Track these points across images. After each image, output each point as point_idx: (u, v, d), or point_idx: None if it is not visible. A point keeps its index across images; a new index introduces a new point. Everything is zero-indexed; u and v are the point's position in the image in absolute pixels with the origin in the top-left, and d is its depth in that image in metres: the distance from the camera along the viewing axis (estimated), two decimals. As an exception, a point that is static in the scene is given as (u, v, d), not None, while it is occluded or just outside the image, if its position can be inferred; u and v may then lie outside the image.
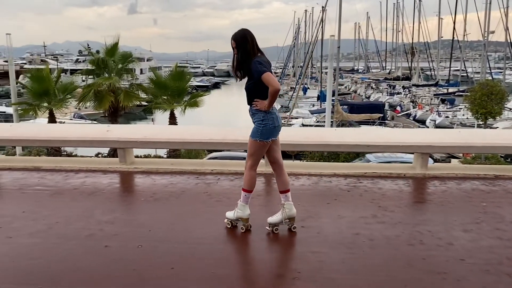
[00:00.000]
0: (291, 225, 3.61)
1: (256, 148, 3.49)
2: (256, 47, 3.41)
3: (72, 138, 5.46)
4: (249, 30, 3.46)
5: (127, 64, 16.33)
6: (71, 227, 3.72)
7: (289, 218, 3.58)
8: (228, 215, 3.72)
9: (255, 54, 3.38)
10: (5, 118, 28.57)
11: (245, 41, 3.36)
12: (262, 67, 3.27)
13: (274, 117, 3.42)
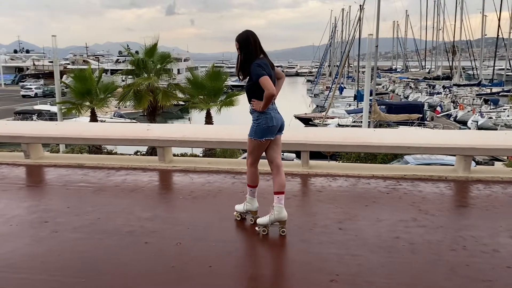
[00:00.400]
0: (280, 228, 3.56)
1: (253, 146, 3.58)
2: (259, 49, 3.47)
3: (114, 136, 5.62)
4: (253, 32, 3.51)
5: (166, 65, 16.66)
6: (113, 223, 3.84)
7: (278, 221, 3.54)
8: (238, 208, 3.86)
9: (257, 56, 3.45)
10: (50, 117, 29.83)
11: (248, 43, 3.44)
12: (261, 70, 3.33)
13: (268, 118, 3.48)
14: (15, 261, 3.15)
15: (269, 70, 3.42)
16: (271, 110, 3.51)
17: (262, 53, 3.50)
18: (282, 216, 3.54)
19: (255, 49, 3.45)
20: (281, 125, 3.63)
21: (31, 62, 77.73)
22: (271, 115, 3.49)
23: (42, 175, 5.42)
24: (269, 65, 3.48)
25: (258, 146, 3.56)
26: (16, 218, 3.95)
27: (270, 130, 3.51)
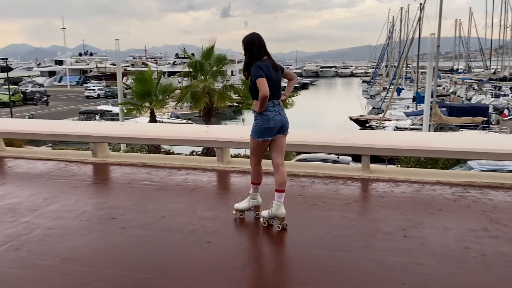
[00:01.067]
0: (279, 224, 3.69)
1: (253, 146, 3.73)
2: (263, 50, 3.60)
3: (176, 137, 5.79)
4: (258, 34, 3.65)
5: (222, 67, 16.94)
6: (176, 222, 3.94)
7: (275, 216, 3.68)
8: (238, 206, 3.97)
9: (261, 57, 3.57)
10: (111, 117, 31.33)
11: (252, 45, 3.58)
12: (259, 72, 3.45)
13: (265, 119, 3.56)
14: (86, 255, 3.32)
15: (269, 72, 3.50)
16: (270, 112, 3.57)
17: (267, 55, 3.61)
18: (279, 213, 3.66)
19: (259, 51, 3.57)
20: (283, 126, 3.68)
21: (94, 64, 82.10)
22: (268, 116, 3.57)
23: (108, 173, 5.68)
24: (272, 67, 3.56)
25: (257, 145, 3.69)
26: (86, 213, 4.17)
27: (268, 131, 3.59)
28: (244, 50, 3.63)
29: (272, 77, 3.52)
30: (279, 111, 3.63)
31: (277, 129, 3.64)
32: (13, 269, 3.08)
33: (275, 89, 3.56)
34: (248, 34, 3.67)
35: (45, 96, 47.64)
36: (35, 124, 7.48)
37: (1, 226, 3.84)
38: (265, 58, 3.60)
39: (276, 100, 3.62)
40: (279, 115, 3.63)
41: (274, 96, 3.57)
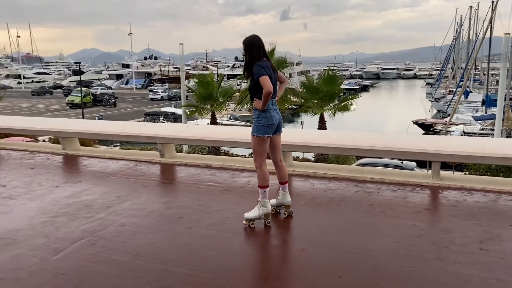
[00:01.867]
0: (285, 211, 4.04)
1: (256, 143, 3.84)
2: (262, 52, 3.78)
3: (238, 139, 5.86)
4: (258, 36, 3.83)
5: (281, 69, 16.97)
6: (241, 224, 3.98)
7: (282, 204, 4.05)
8: (248, 215, 3.86)
9: (260, 58, 3.74)
10: (174, 118, 32.48)
11: (252, 46, 3.76)
12: (262, 71, 3.61)
13: (268, 116, 3.76)
14: (156, 253, 3.44)
15: (269, 72, 3.68)
16: (271, 110, 3.78)
17: (265, 57, 3.81)
18: (285, 202, 4.04)
19: (259, 52, 3.75)
20: (279, 125, 3.90)
21: (158, 68, 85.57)
22: (271, 114, 3.77)
23: (175, 173, 5.87)
24: (271, 68, 3.76)
25: (260, 142, 3.81)
26: (156, 212, 4.33)
27: (271, 127, 3.80)
28: (244, 51, 3.81)
29: (272, 77, 3.71)
30: (276, 110, 3.88)
31: (276, 126, 3.85)
32: (90, 263, 3.26)
33: (274, 88, 3.74)
34: (248, 36, 3.85)
35: (113, 98, 50.31)
36: (108, 125, 7.91)
37: (78, 222, 4.08)
38: (265, 59, 3.78)
39: (274, 100, 3.85)
40: (277, 113, 3.87)
41: (273, 95, 3.78)
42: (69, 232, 3.82)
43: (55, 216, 4.22)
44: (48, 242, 3.63)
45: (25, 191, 5.00)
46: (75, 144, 7.20)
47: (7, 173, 5.84)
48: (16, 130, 7.77)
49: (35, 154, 6.97)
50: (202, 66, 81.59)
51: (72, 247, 3.54)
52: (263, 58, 3.77)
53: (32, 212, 4.35)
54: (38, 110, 45.42)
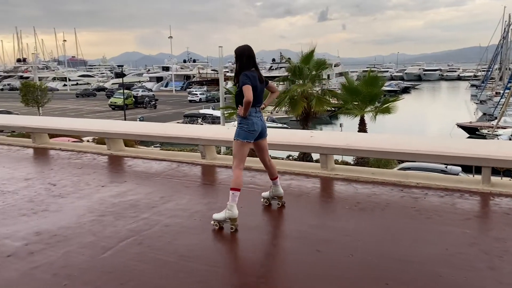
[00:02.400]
0: (278, 201, 4.43)
1: (236, 147, 4.05)
2: (251, 62, 4.00)
3: (279, 142, 5.83)
4: (249, 47, 4.07)
5: (321, 71, 16.84)
6: (284, 227, 3.96)
7: (275, 196, 4.43)
8: (216, 216, 3.96)
9: (248, 68, 3.97)
10: (212, 120, 32.86)
11: (242, 56, 3.99)
12: (246, 80, 3.85)
13: (250, 122, 3.98)
14: (201, 253, 3.47)
15: (255, 82, 3.91)
16: (254, 117, 4.01)
17: (254, 67, 4.02)
18: (278, 193, 4.43)
19: (248, 62, 3.99)
20: (262, 131, 4.14)
21: (197, 70, 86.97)
22: (252, 120, 3.99)
23: (216, 175, 5.92)
24: (258, 78, 3.97)
25: (241, 146, 4.02)
26: (199, 213, 4.37)
27: (252, 133, 4.02)
28: (235, 59, 4.04)
29: (257, 87, 3.94)
30: (260, 117, 4.09)
31: (258, 132, 4.09)
32: (137, 262, 3.33)
33: (258, 97, 3.99)
34: (240, 45, 4.08)
35: (154, 100, 51.55)
36: (151, 127, 8.08)
37: (124, 221, 4.18)
38: (253, 69, 4.01)
39: (258, 107, 4.07)
40: (260, 120, 4.09)
41: (257, 103, 4.01)
42: (116, 231, 3.92)
43: (102, 215, 4.34)
44: (96, 240, 3.73)
45: (74, 190, 5.19)
46: (120, 144, 7.40)
47: (56, 172, 6.08)
48: (65, 131, 8.09)
49: (82, 154, 7.22)
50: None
51: (119, 246, 3.62)
52: (251, 68, 4.00)
53: (80, 211, 4.50)
54: (83, 111, 47.20)
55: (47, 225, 4.07)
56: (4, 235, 3.86)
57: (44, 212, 4.43)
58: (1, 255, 3.44)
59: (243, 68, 3.98)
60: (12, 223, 4.16)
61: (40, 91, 33.76)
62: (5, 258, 3.39)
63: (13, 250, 3.54)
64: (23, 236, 3.84)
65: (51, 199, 4.85)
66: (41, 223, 4.13)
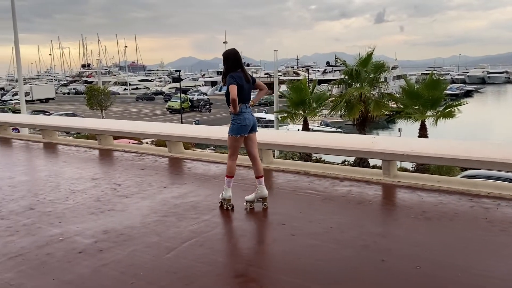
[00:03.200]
0: (263, 203, 4.55)
1: (230, 141, 4.51)
2: (237, 64, 4.43)
3: (340, 147, 5.72)
4: (235, 50, 4.54)
5: (379, 74, 16.39)
6: (345, 235, 3.86)
7: (260, 197, 4.54)
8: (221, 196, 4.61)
9: (235, 69, 4.41)
10: (265, 124, 32.98)
11: (228, 58, 4.44)
12: (232, 80, 4.29)
13: (241, 118, 4.39)
14: (260, 258, 3.47)
15: (241, 82, 4.33)
16: (245, 113, 4.41)
17: (240, 68, 4.44)
18: (263, 194, 4.54)
19: (234, 64, 4.42)
20: (253, 125, 4.53)
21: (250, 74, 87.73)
22: (244, 116, 4.40)
23: (273, 179, 5.89)
24: (244, 78, 4.38)
25: (234, 141, 4.48)
26: (257, 217, 4.37)
27: (244, 128, 4.42)
28: (223, 62, 4.46)
29: (244, 86, 4.37)
30: (250, 112, 4.49)
31: (250, 127, 4.47)
32: (199, 264, 3.37)
33: (246, 95, 4.41)
34: (227, 49, 4.53)
35: (208, 104, 52.63)
36: (209, 130, 8.23)
37: (186, 222, 4.26)
38: (239, 70, 4.42)
39: (248, 104, 4.47)
40: (250, 115, 4.48)
41: (246, 100, 4.43)
42: (179, 232, 4.00)
43: (165, 216, 4.45)
44: (160, 240, 3.83)
45: (138, 191, 5.37)
46: (180, 147, 7.59)
47: (121, 173, 6.34)
48: (128, 133, 8.44)
49: (145, 156, 7.48)
50: (293, 72, 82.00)
51: (182, 246, 3.69)
52: (238, 70, 4.42)
53: (144, 211, 4.65)
54: (142, 114, 49.13)
55: (114, 224, 4.24)
56: (75, 232, 4.06)
57: (111, 212, 4.62)
58: (73, 251, 3.62)
59: (230, 69, 4.41)
60: (82, 221, 4.38)
61: (103, 95, 35.54)
62: (77, 255, 3.56)
63: (84, 247, 3.71)
64: (92, 234, 4.02)
65: (117, 199, 5.05)
66: (108, 222, 4.30)
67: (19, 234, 4.02)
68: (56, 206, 4.80)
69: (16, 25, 17.24)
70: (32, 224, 4.26)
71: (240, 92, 4.30)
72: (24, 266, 3.37)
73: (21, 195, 5.28)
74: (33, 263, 3.42)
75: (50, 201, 4.99)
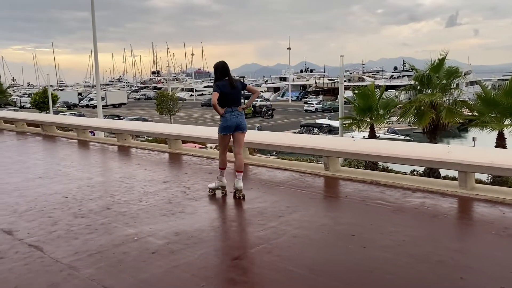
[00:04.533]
0: (239, 195, 5.17)
1: (219, 139, 5.38)
2: (225, 74, 5.18)
3: (412, 156, 5.48)
4: (224, 62, 5.27)
5: (452, 80, 15.56)
6: (419, 249, 3.67)
7: (236, 189, 5.17)
8: (210, 185, 5.45)
9: (222, 78, 5.16)
10: (328, 130, 32.54)
11: (217, 70, 5.21)
12: (215, 88, 5.08)
13: (224, 120, 5.18)
14: (331, 269, 3.37)
15: (225, 89, 5.08)
16: (228, 115, 5.16)
17: (227, 76, 5.17)
18: (238, 186, 5.17)
19: (222, 74, 5.17)
20: (238, 126, 5.24)
21: (313, 80, 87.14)
22: (226, 118, 5.17)
23: (341, 188, 5.77)
24: (229, 85, 5.11)
25: (222, 138, 5.32)
26: (326, 226, 4.29)
27: (226, 128, 5.21)
28: (213, 72, 5.26)
29: (226, 92, 5.08)
30: (236, 115, 5.19)
31: (234, 127, 5.21)
32: (268, 271, 3.36)
33: (231, 100, 5.14)
34: (217, 61, 5.25)
35: (271, 110, 52.93)
36: (275, 136, 8.24)
37: (253, 228, 4.28)
38: (226, 78, 5.15)
39: (234, 108, 5.17)
40: (235, 118, 5.19)
41: (231, 104, 5.16)
42: (246, 238, 4.04)
43: (233, 221, 4.51)
44: (228, 244, 3.89)
45: (206, 194, 5.49)
46: (245, 153, 7.68)
47: (190, 177, 6.53)
48: (197, 138, 8.69)
49: (211, 160, 7.65)
50: (358, 77, 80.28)
51: (250, 252, 3.72)
52: (224, 78, 5.15)
53: (213, 214, 4.75)
54: (207, 119, 50.44)
55: (184, 226, 4.36)
56: (148, 232, 4.23)
57: (181, 214, 4.76)
58: (147, 251, 3.77)
59: (216, 79, 5.18)
60: (154, 222, 4.56)
61: (172, 101, 36.97)
62: (150, 255, 3.70)
63: (156, 248, 3.85)
64: (164, 235, 4.16)
65: (187, 202, 5.20)
66: (179, 224, 4.44)
67: (97, 232, 4.27)
68: (131, 207, 5.04)
69: (96, 36, 18.48)
70: (109, 224, 4.50)
71: (225, 97, 5.07)
72: (103, 263, 3.56)
73: (98, 195, 5.60)
74: (110, 260, 3.61)
75: (125, 202, 5.25)
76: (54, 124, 12.13)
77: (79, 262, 3.57)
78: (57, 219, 4.67)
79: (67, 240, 4.07)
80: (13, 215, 4.85)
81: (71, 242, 4.01)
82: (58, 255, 3.72)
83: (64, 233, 4.24)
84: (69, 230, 4.34)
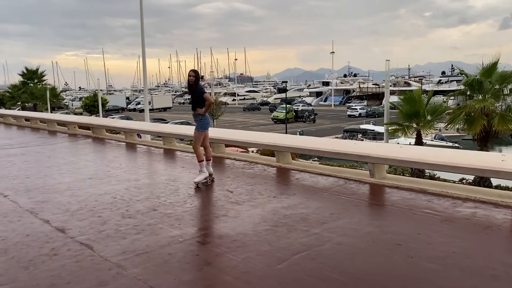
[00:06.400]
0: (210, 179, 6.40)
1: (198, 135, 6.29)
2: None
3: (462, 165, 5.26)
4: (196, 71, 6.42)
5: (506, 85, 14.80)
6: (471, 261, 3.51)
7: (209, 174, 6.39)
8: (197, 180, 6.23)
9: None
10: (373, 136, 31.86)
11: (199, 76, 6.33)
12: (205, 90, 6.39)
13: (207, 117, 6.37)
14: (376, 279, 3.29)
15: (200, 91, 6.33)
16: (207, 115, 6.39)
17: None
18: (210, 171, 6.43)
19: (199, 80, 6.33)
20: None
21: (357, 84, 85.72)
22: (207, 117, 6.36)
23: (387, 196, 5.62)
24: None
25: (200, 135, 6.29)
26: (371, 235, 4.19)
27: (208, 125, 6.36)
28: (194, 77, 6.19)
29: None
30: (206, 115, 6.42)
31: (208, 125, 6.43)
32: (312, 278, 3.32)
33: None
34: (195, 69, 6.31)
35: (313, 115, 52.53)
36: (317, 141, 8.17)
37: (297, 234, 4.25)
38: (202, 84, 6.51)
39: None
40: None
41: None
42: (289, 243, 4.01)
43: (276, 226, 4.50)
44: (271, 250, 3.87)
45: (248, 198, 5.52)
46: (288, 157, 7.66)
47: (232, 181, 6.59)
48: (240, 142, 8.76)
49: (254, 165, 7.69)
50: (404, 82, 78.17)
51: (293, 258, 3.69)
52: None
53: (255, 219, 4.75)
54: (248, 124, 50.81)
55: (227, 230, 4.40)
56: (192, 234, 4.30)
57: (224, 217, 4.81)
58: (191, 253, 3.83)
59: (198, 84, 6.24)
60: (198, 224, 4.63)
61: (215, 105, 37.51)
62: (195, 257, 3.76)
63: (200, 250, 3.90)
64: (207, 238, 4.22)
65: (230, 205, 5.24)
66: (222, 227, 4.48)
67: (144, 233, 4.38)
68: (176, 209, 5.14)
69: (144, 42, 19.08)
70: (155, 225, 4.62)
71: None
72: (149, 263, 3.65)
73: (145, 197, 5.76)
74: (156, 261, 3.69)
75: (170, 204, 5.37)
76: (103, 127, 12.63)
77: (126, 262, 3.68)
78: (106, 219, 4.84)
79: (115, 239, 4.21)
80: (65, 214, 5.08)
81: (119, 242, 4.14)
82: (107, 254, 3.85)
83: (113, 233, 4.39)
84: (117, 230, 4.48)
